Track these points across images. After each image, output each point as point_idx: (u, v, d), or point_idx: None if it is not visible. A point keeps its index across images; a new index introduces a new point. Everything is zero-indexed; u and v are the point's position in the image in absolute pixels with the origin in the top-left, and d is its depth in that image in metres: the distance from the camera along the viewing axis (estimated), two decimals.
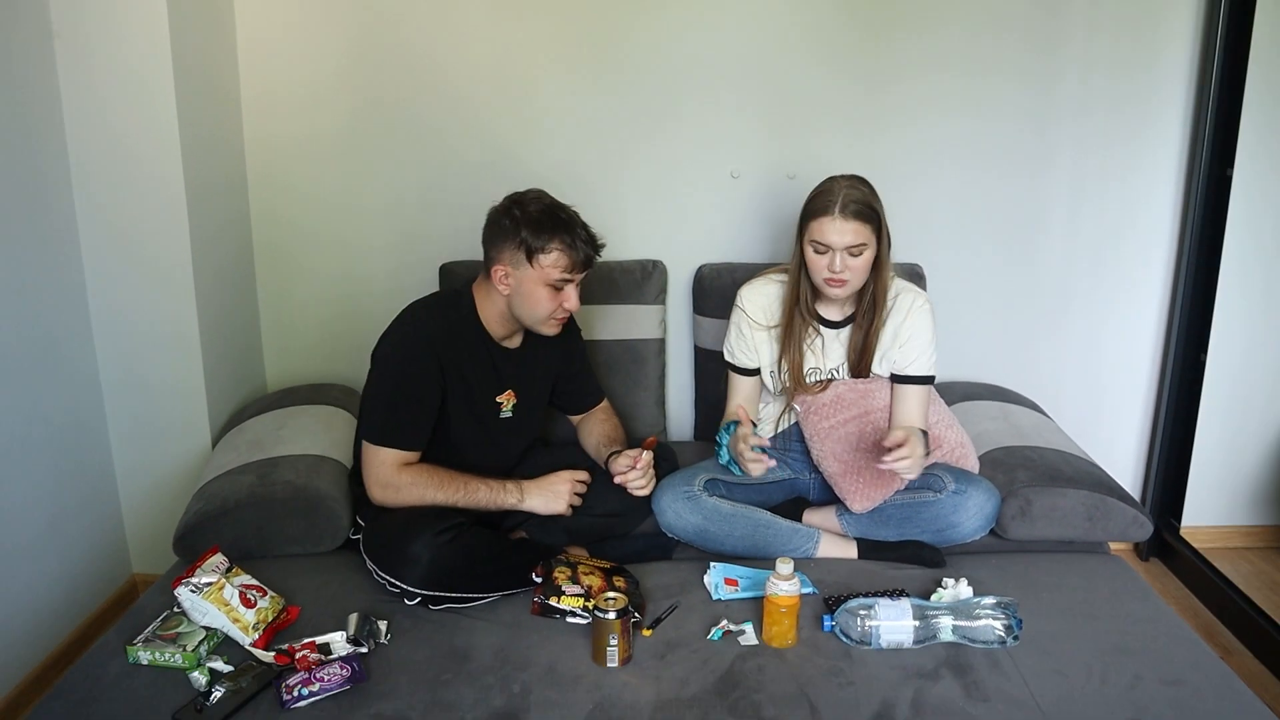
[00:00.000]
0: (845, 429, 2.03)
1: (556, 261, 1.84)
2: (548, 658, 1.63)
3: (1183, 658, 1.66)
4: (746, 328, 2.09)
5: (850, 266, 1.91)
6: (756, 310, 2.08)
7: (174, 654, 1.58)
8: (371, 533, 1.87)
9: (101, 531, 2.31)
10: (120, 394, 2.28)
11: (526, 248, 1.82)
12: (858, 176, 1.95)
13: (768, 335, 2.08)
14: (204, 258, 2.26)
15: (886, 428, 2.01)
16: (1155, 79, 2.50)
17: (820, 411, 2.06)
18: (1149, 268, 2.63)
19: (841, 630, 1.68)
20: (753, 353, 2.10)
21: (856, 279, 1.93)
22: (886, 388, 2.06)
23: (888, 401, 2.05)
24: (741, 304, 2.10)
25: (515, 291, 1.87)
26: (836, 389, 2.06)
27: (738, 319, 2.11)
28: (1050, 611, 1.77)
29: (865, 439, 2.01)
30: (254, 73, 2.43)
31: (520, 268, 1.85)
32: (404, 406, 1.87)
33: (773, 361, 2.09)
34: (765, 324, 2.07)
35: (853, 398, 2.05)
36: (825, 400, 2.06)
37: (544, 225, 1.83)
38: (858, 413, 2.03)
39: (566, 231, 1.84)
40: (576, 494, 1.96)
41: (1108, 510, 2.03)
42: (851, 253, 1.90)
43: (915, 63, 2.47)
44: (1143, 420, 2.75)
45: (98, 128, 2.12)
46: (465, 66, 2.45)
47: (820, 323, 2.06)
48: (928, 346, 2.03)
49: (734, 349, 2.12)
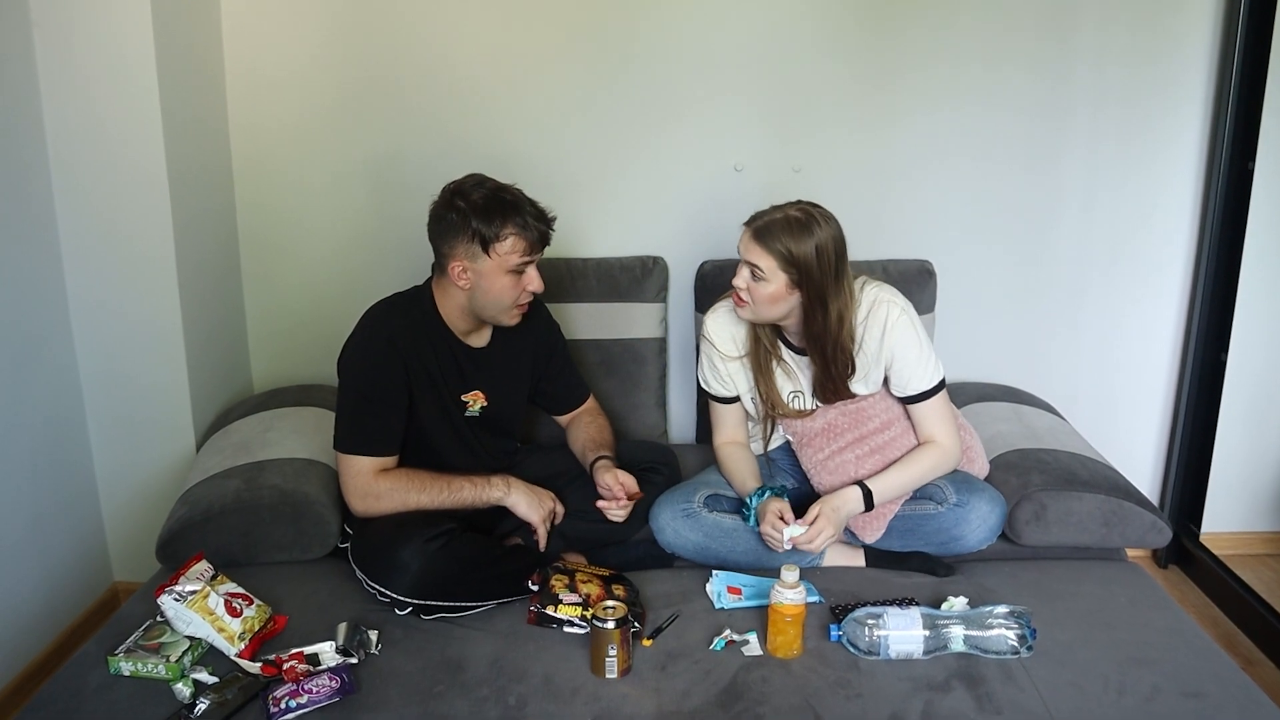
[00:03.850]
0: (842, 457, 1.99)
1: (513, 246, 1.84)
2: (544, 669, 1.63)
3: (1203, 669, 1.66)
4: (718, 360, 2.06)
5: (750, 288, 1.87)
6: (724, 341, 2.05)
7: (157, 665, 1.58)
8: (359, 540, 1.87)
9: (82, 537, 2.31)
10: (101, 393, 2.28)
11: (480, 238, 1.82)
12: (818, 214, 1.85)
13: (741, 364, 2.05)
14: (187, 248, 2.25)
15: (886, 452, 1.98)
16: (1174, 69, 2.49)
17: (813, 443, 2.04)
18: (1167, 264, 2.63)
19: (849, 640, 1.68)
20: (729, 381, 2.08)
21: (759, 307, 1.88)
22: (879, 404, 2.02)
23: (886, 419, 2.01)
24: (708, 335, 2.06)
25: (476, 285, 1.87)
26: (826, 415, 2.03)
27: (707, 350, 2.08)
28: (1065, 620, 1.77)
29: (864, 466, 1.97)
30: (239, 54, 2.42)
31: (477, 260, 1.84)
32: (372, 411, 1.87)
33: (750, 388, 2.07)
34: (735, 354, 2.05)
35: (845, 424, 2.02)
36: (816, 429, 2.03)
37: (493, 211, 1.82)
38: (853, 438, 2.00)
39: (516, 213, 1.83)
40: (551, 522, 1.96)
41: (1125, 515, 2.03)
42: (754, 275, 1.86)
43: (924, 53, 2.47)
44: (1161, 422, 2.75)
45: (77, 112, 2.11)
46: (461, 48, 2.45)
47: (787, 346, 2.02)
48: (920, 358, 1.94)
49: (708, 379, 2.10)
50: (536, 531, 1.93)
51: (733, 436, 2.13)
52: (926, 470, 1.97)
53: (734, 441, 2.13)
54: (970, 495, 1.96)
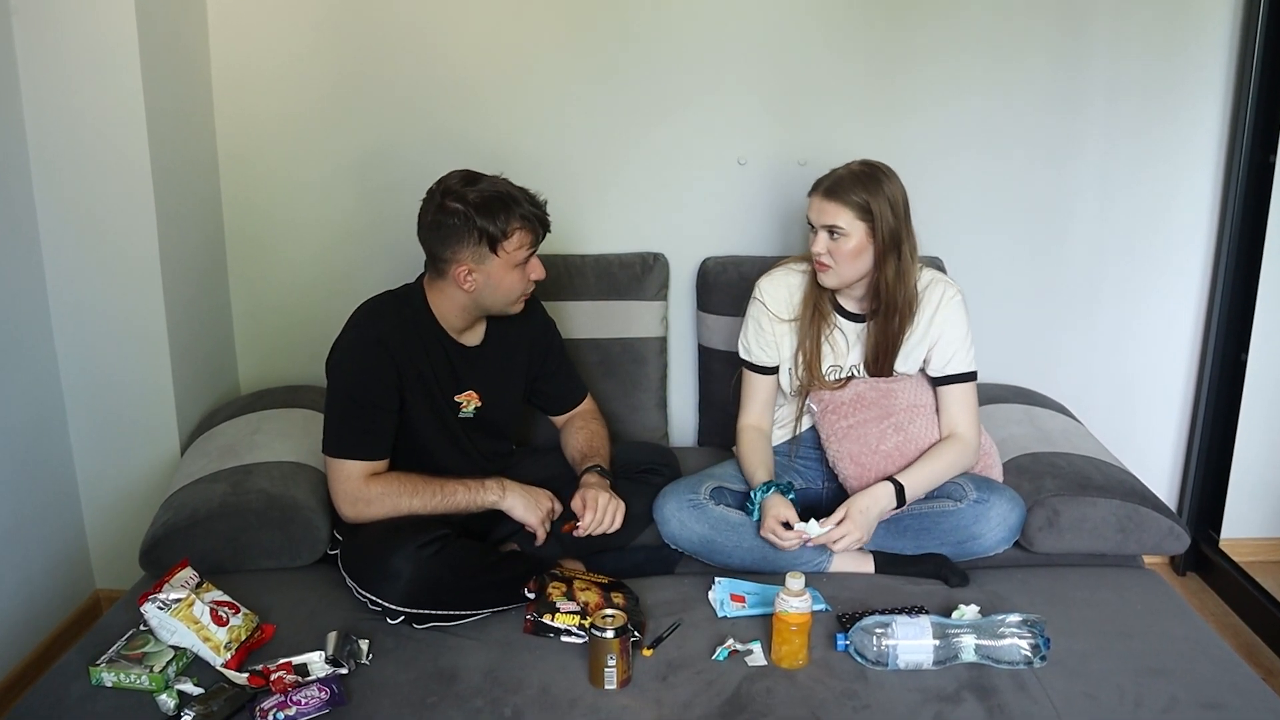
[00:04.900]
0: (864, 429, 2.02)
1: (520, 241, 1.85)
2: (541, 679, 1.63)
3: (1222, 680, 1.66)
4: (767, 321, 2.08)
5: (831, 251, 1.93)
6: (777, 303, 2.08)
7: (140, 675, 1.58)
8: (349, 547, 1.87)
9: (62, 543, 2.31)
10: (82, 394, 2.28)
11: (488, 238, 1.82)
12: (874, 165, 1.96)
13: (789, 329, 2.07)
14: (172, 245, 2.25)
15: (908, 430, 2.01)
16: (1193, 59, 2.49)
17: (838, 410, 2.06)
18: (1185, 260, 2.63)
19: (856, 650, 1.68)
20: (772, 349, 2.09)
21: (842, 267, 1.95)
22: (911, 387, 2.06)
23: (911, 402, 2.04)
24: (760, 296, 2.09)
25: (484, 286, 1.87)
26: (856, 387, 2.06)
27: (756, 312, 2.10)
28: (1080, 630, 1.77)
29: (886, 441, 2.00)
30: (226, 45, 2.42)
31: (485, 261, 1.84)
32: (362, 414, 1.87)
33: (792, 356, 2.08)
34: (786, 317, 2.07)
35: (874, 396, 2.05)
36: (844, 399, 2.06)
37: (494, 208, 1.82)
38: (878, 413, 2.03)
39: (518, 205, 1.85)
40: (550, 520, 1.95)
41: (1141, 521, 2.03)
42: (832, 236, 1.92)
43: (934, 42, 2.47)
44: (1179, 424, 2.75)
45: (58, 104, 2.11)
46: (455, 40, 2.44)
47: (841, 314, 2.06)
48: (964, 340, 2.02)
49: (751, 345, 2.12)
50: (536, 533, 1.93)
51: (758, 419, 2.14)
52: (950, 466, 2.00)
53: (756, 427, 2.14)
54: (990, 493, 1.98)
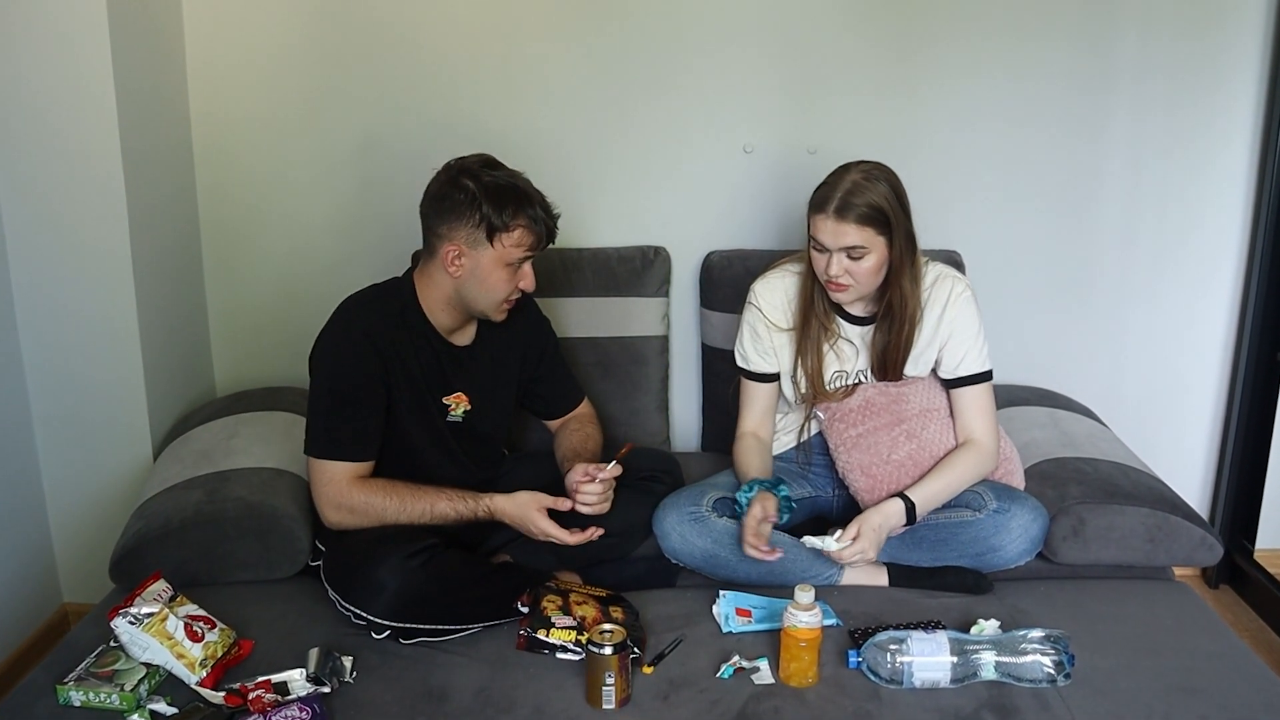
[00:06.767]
0: (874, 438, 2.02)
1: (520, 240, 1.85)
2: (535, 698, 1.63)
3: (1256, 698, 1.66)
4: (763, 328, 2.08)
5: (850, 270, 1.90)
6: (774, 309, 2.07)
7: (110, 694, 1.58)
8: (333, 557, 1.87)
9: (27, 554, 2.31)
10: (49, 396, 2.28)
11: (488, 225, 1.82)
12: (877, 166, 1.92)
13: (788, 337, 2.07)
14: (144, 238, 2.25)
15: (921, 436, 2.01)
16: (1226, 37, 2.48)
17: (846, 419, 2.06)
18: (1218, 255, 2.63)
19: (869, 667, 1.68)
20: (771, 356, 2.09)
21: (862, 284, 1.92)
22: (922, 391, 2.06)
23: (924, 406, 2.04)
24: (756, 301, 2.09)
25: (469, 275, 1.87)
26: (865, 393, 2.06)
27: (752, 318, 2.10)
28: (1106, 645, 1.77)
29: (898, 450, 2.00)
30: (201, 27, 2.41)
31: (478, 248, 1.84)
32: (347, 412, 1.87)
33: (792, 366, 2.08)
34: (785, 325, 2.06)
35: (883, 403, 2.05)
36: (852, 406, 2.06)
37: (506, 199, 1.82)
38: (889, 420, 2.03)
39: (530, 205, 1.84)
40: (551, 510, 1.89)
41: (1171, 530, 2.03)
42: (851, 255, 1.89)
43: (951, 22, 2.46)
44: (1211, 429, 2.75)
45: (22, 87, 2.10)
46: (440, 26, 2.44)
47: (843, 317, 2.05)
48: (976, 338, 2.01)
49: (748, 352, 2.11)
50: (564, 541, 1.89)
51: (756, 426, 2.14)
52: (967, 475, 1.99)
53: (755, 434, 2.13)
54: (1011, 502, 1.97)
